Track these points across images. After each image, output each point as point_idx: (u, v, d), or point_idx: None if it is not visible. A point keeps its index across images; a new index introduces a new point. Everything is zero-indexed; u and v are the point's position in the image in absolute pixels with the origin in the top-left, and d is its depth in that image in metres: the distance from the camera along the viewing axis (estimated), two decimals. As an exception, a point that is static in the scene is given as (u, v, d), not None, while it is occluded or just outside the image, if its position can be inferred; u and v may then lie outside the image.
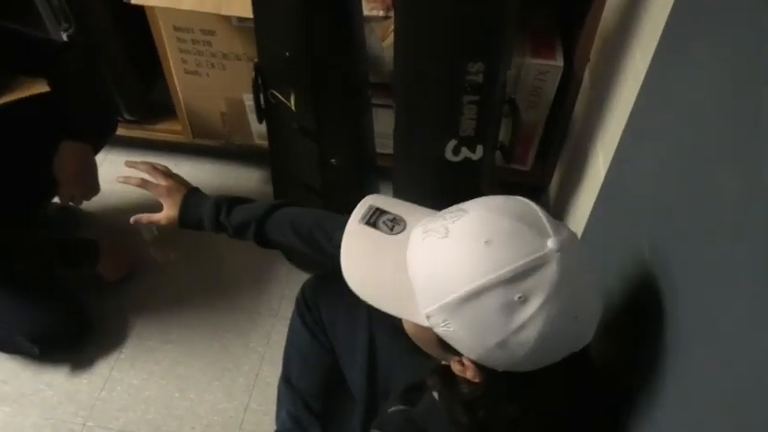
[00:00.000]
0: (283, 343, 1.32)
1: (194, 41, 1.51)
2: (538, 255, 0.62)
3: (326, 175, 1.37)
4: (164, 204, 1.06)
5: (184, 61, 1.56)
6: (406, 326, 0.73)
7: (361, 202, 0.78)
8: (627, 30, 1.14)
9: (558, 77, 1.43)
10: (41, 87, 1.37)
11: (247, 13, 1.25)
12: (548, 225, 0.66)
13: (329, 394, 1.21)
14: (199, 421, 1.37)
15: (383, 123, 1.48)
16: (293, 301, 1.28)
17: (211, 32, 1.48)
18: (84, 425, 1.37)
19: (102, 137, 1.47)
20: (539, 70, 1.42)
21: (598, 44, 1.35)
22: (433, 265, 0.67)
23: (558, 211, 1.52)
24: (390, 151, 1.33)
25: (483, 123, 1.16)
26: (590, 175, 1.28)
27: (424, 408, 0.85)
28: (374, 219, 0.74)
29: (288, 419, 1.20)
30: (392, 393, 1.04)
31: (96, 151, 1.43)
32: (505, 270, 0.62)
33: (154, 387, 1.43)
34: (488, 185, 1.31)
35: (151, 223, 1.08)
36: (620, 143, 0.99)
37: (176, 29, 1.49)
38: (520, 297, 0.62)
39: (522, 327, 0.62)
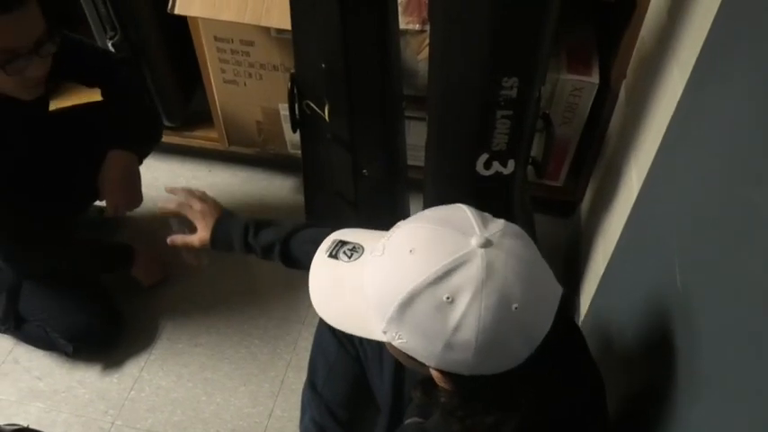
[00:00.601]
0: (310, 350, 1.33)
1: (233, 51, 1.54)
2: (459, 254, 0.65)
3: (358, 186, 1.38)
4: (198, 227, 1.11)
5: (223, 71, 1.59)
6: (388, 348, 0.76)
7: (326, 238, 0.82)
8: (665, 47, 1.13)
9: (594, 94, 1.42)
10: (88, 93, 1.42)
11: (286, 24, 1.27)
12: (475, 225, 0.68)
13: (354, 403, 1.21)
14: (224, 425, 1.39)
15: (416, 135, 1.49)
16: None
17: (250, 43, 1.51)
18: (113, 423, 1.40)
19: (148, 148, 1.52)
20: (574, 86, 1.42)
21: (635, 61, 1.34)
22: (375, 283, 0.71)
23: (588, 229, 1.51)
24: (422, 163, 1.33)
25: (515, 138, 1.16)
26: (623, 193, 1.26)
27: (437, 420, 0.86)
28: (336, 251, 0.79)
29: (312, 426, 1.21)
30: (410, 405, 1.04)
31: (140, 161, 1.47)
32: (428, 274, 0.65)
33: (181, 389, 1.45)
34: (519, 200, 1.31)
35: (185, 245, 1.13)
36: (654, 162, 0.98)
37: (217, 39, 1.52)
38: (447, 297, 0.64)
39: (458, 326, 0.64)
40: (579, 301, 1.42)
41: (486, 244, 0.66)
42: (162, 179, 1.78)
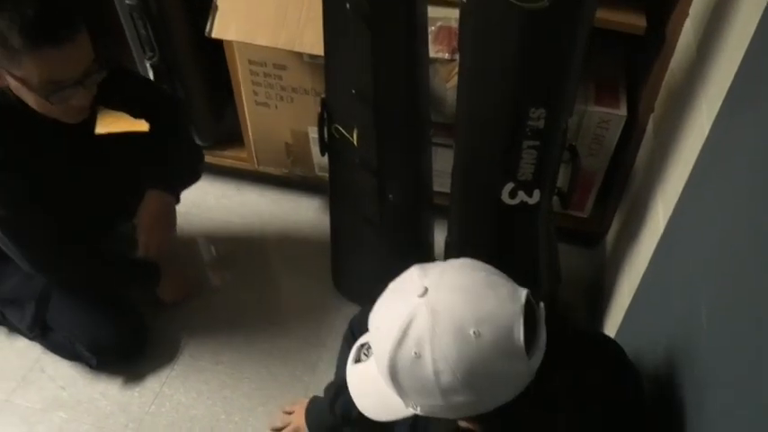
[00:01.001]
0: (329, 373, 1.34)
1: (266, 75, 1.58)
2: (407, 311, 0.70)
3: (384, 210, 1.39)
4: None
5: (255, 93, 1.63)
6: None
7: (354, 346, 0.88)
8: (693, 82, 1.13)
9: (621, 126, 1.42)
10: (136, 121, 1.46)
11: (318, 50, 1.30)
12: (417, 279, 0.73)
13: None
14: (242, 444, 1.39)
15: (442, 162, 1.50)
16: (341, 332, 1.29)
17: (283, 67, 1.55)
18: (132, 437, 1.41)
19: (187, 184, 1.55)
20: (601, 118, 1.42)
21: (663, 95, 1.34)
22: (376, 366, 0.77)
23: (614, 261, 1.49)
24: (448, 189, 1.34)
25: (541, 168, 1.16)
26: (649, 227, 1.26)
27: None
28: (359, 355, 0.85)
29: None
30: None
31: (178, 198, 1.50)
32: (391, 341, 0.70)
33: (201, 407, 1.46)
34: (544, 230, 1.30)
35: None
36: (681, 196, 0.98)
37: (251, 62, 1.56)
38: (415, 353, 0.68)
39: (436, 373, 0.67)
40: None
41: (424, 292, 0.70)
42: (191, 197, 1.81)
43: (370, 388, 0.80)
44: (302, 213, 1.87)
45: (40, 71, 1.10)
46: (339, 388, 1.13)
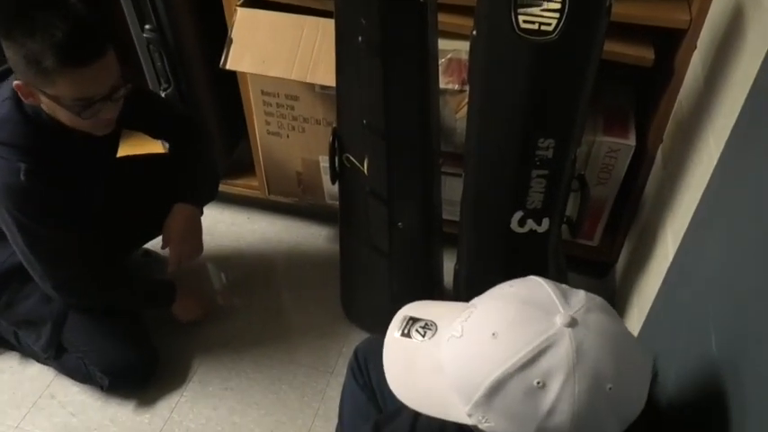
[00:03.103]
0: (337, 399, 1.33)
1: (279, 105, 1.61)
2: (545, 336, 0.63)
3: (393, 238, 1.40)
4: None
5: (268, 123, 1.66)
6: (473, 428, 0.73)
7: (397, 314, 0.81)
8: (701, 114, 1.14)
9: (630, 156, 1.44)
10: (152, 146, 1.49)
11: (330, 82, 1.33)
12: (557, 301, 0.66)
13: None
14: (250, 472, 1.39)
15: (451, 191, 1.51)
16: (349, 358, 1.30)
17: (295, 98, 1.58)
18: (141, 464, 1.41)
19: (208, 200, 1.58)
20: (610, 148, 1.43)
21: (672, 126, 1.36)
22: (457, 366, 0.69)
23: (623, 290, 1.49)
24: (457, 218, 1.35)
25: (550, 197, 1.17)
26: (658, 256, 1.26)
27: None
28: (408, 328, 0.77)
29: None
30: None
31: (201, 213, 1.54)
32: (516, 358, 0.63)
33: (210, 433, 1.46)
34: (554, 259, 1.31)
35: None
36: (689, 226, 0.98)
37: (264, 93, 1.60)
38: (538, 382, 0.62)
39: (551, 411, 0.62)
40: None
41: (572, 323, 0.64)
42: (203, 225, 1.83)
43: (418, 375, 0.73)
44: (312, 241, 1.89)
45: (72, 90, 1.14)
46: (375, 424, 1.10)
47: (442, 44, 1.29)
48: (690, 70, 1.27)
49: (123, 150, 1.51)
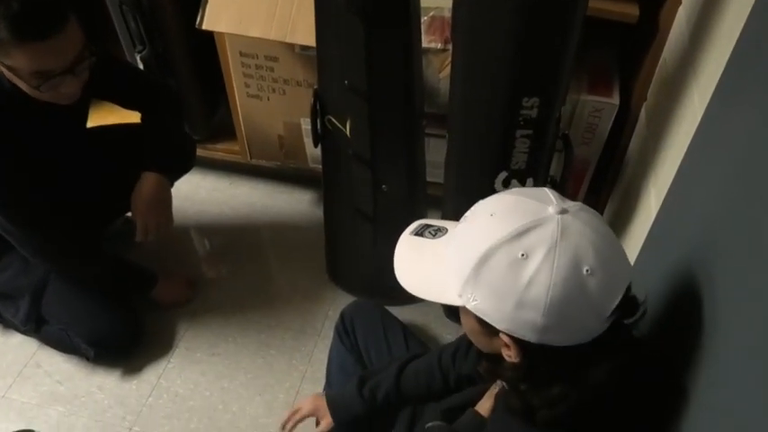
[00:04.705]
0: (325, 362, 1.35)
1: (258, 67, 1.57)
2: (536, 217, 0.68)
3: (377, 201, 1.40)
4: (320, 420, 1.19)
5: (247, 85, 1.63)
6: (463, 321, 0.78)
7: (413, 223, 0.86)
8: (685, 71, 1.13)
9: (614, 115, 1.43)
10: (127, 113, 1.45)
11: (310, 41, 1.30)
12: (553, 198, 0.71)
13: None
14: (239, 435, 1.40)
15: (435, 153, 1.50)
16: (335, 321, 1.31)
17: (275, 59, 1.54)
18: (130, 429, 1.41)
19: (179, 174, 1.54)
20: (594, 107, 1.43)
21: (656, 84, 1.35)
22: (456, 246, 0.74)
23: (607, 249, 1.51)
24: (441, 180, 1.35)
25: (534, 157, 1.17)
26: (641, 214, 1.27)
27: (466, 423, 0.91)
28: (421, 230, 0.83)
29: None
30: (426, 412, 1.06)
31: (171, 185, 1.49)
32: (506, 232, 0.68)
33: (198, 398, 1.47)
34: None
35: None
36: (672, 184, 0.98)
37: (242, 54, 1.56)
38: (522, 254, 0.67)
39: (530, 282, 0.66)
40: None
41: (563, 212, 0.69)
42: (183, 191, 1.81)
43: (422, 262, 0.78)
44: (295, 205, 1.87)
45: (28, 63, 1.10)
46: (360, 377, 1.13)
47: (425, 1, 1.27)
48: (675, 26, 1.26)
49: (101, 118, 1.47)
